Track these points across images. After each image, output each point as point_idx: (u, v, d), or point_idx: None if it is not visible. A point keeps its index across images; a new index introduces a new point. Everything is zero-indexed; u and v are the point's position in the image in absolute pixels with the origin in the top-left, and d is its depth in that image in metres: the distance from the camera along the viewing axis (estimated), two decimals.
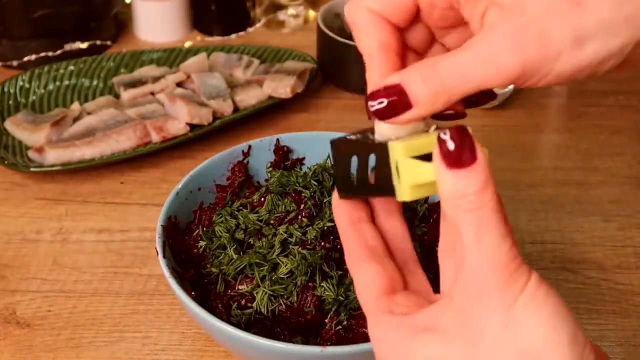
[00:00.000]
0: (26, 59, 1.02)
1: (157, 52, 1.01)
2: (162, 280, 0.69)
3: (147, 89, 0.92)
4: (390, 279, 0.39)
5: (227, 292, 0.59)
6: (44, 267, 0.71)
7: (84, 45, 1.05)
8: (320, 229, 0.58)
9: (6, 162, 0.81)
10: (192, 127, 0.86)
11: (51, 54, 1.03)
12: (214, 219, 0.63)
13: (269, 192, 0.63)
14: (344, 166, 0.39)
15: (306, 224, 0.59)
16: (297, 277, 0.57)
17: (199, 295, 0.58)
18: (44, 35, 1.02)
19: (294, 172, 0.65)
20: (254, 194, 0.65)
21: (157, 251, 0.58)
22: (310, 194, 0.61)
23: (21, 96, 0.93)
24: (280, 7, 1.14)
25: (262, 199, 0.63)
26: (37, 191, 0.81)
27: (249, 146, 0.69)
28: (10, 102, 0.92)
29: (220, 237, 0.61)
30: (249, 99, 0.90)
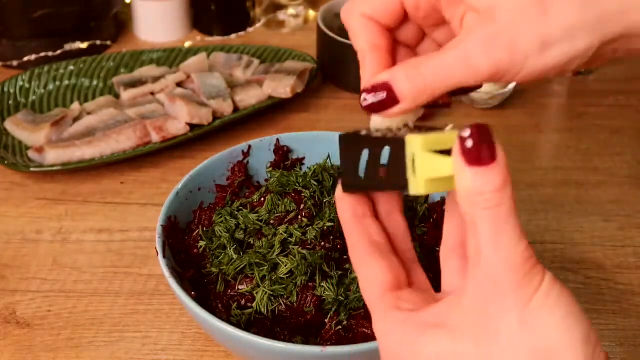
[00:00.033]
0: (26, 59, 1.02)
1: (157, 52, 1.01)
2: (162, 280, 0.69)
3: (147, 89, 0.92)
4: (395, 275, 0.39)
5: (227, 292, 0.59)
6: (44, 267, 0.71)
7: (84, 45, 1.05)
8: (320, 229, 0.58)
9: (6, 162, 0.81)
10: (192, 127, 0.86)
11: (51, 54, 1.03)
12: (214, 219, 0.63)
13: (269, 192, 0.63)
14: (353, 160, 0.40)
15: (306, 224, 0.59)
16: (297, 277, 0.57)
17: (199, 295, 0.58)
18: (44, 35, 1.02)
19: (294, 172, 0.65)
20: (254, 194, 0.65)
21: (157, 251, 0.58)
22: (310, 194, 0.61)
23: (21, 96, 0.93)
24: (280, 7, 1.14)
25: (262, 199, 0.63)
26: (37, 191, 0.81)
27: (249, 146, 0.69)
28: (10, 102, 0.92)
29: (220, 237, 0.61)
30: (249, 99, 0.90)
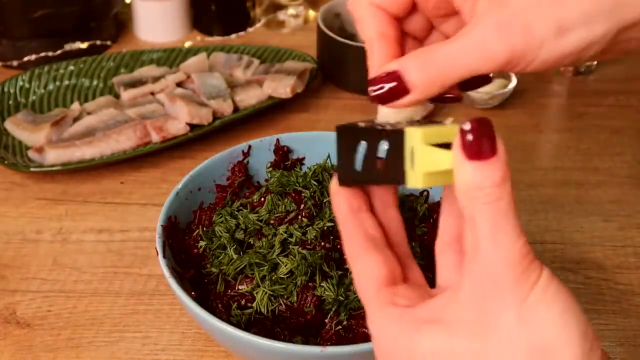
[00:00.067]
0: (26, 59, 1.02)
1: (157, 52, 1.01)
2: (162, 280, 0.69)
3: (147, 89, 0.92)
4: (391, 270, 0.38)
5: (227, 292, 0.59)
6: (44, 267, 0.71)
7: (84, 45, 1.05)
8: (320, 229, 0.58)
9: (6, 162, 0.81)
10: (192, 127, 0.86)
11: (51, 54, 1.03)
12: (214, 219, 0.63)
13: (269, 192, 0.63)
14: (350, 152, 0.39)
15: (306, 224, 0.59)
16: (297, 277, 0.57)
17: (199, 295, 0.58)
18: (44, 35, 1.02)
19: (294, 172, 0.65)
20: (254, 194, 0.65)
21: (157, 251, 0.58)
22: (310, 194, 0.61)
23: (21, 96, 0.93)
24: (280, 7, 1.14)
25: (262, 199, 0.63)
26: (37, 191, 0.81)
27: (249, 146, 0.69)
28: (10, 102, 0.92)
29: (220, 237, 0.61)
30: (249, 99, 0.90)
